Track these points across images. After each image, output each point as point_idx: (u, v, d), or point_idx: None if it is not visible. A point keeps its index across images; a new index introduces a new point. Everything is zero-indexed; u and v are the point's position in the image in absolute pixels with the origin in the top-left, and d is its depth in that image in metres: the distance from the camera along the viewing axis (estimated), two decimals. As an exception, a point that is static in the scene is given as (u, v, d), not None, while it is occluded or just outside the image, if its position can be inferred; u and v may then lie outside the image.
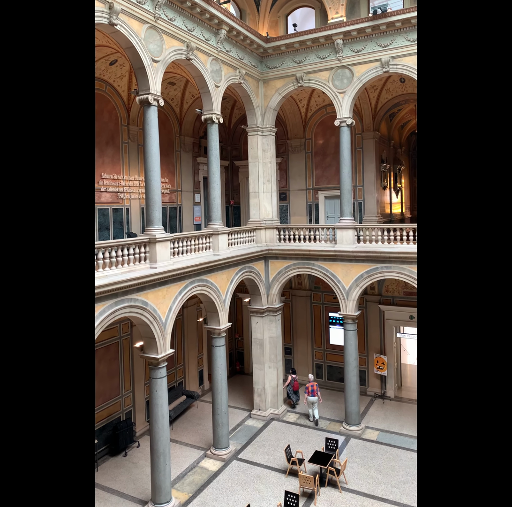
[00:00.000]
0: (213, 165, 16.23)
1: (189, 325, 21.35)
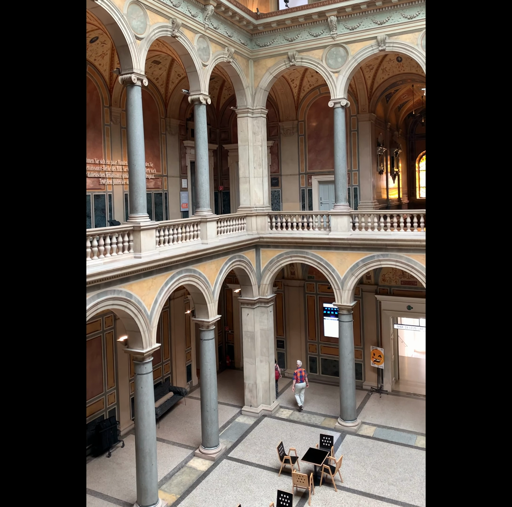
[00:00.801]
0: (200, 149, 16.12)
1: (176, 318, 21.28)
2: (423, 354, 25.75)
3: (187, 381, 22.22)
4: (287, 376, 23.14)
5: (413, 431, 18.05)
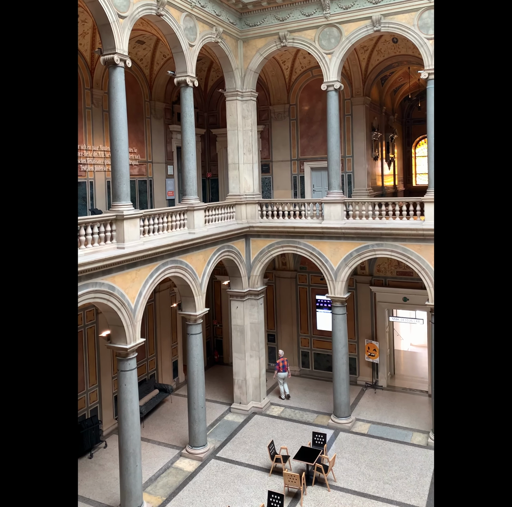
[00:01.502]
0: (187, 134, 16.08)
1: (161, 311, 21.22)
2: (420, 347, 25.94)
3: (174, 378, 22.17)
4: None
5: (409, 427, 18.10)
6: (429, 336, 18.88)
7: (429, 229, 15.96)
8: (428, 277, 16.23)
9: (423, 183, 32.03)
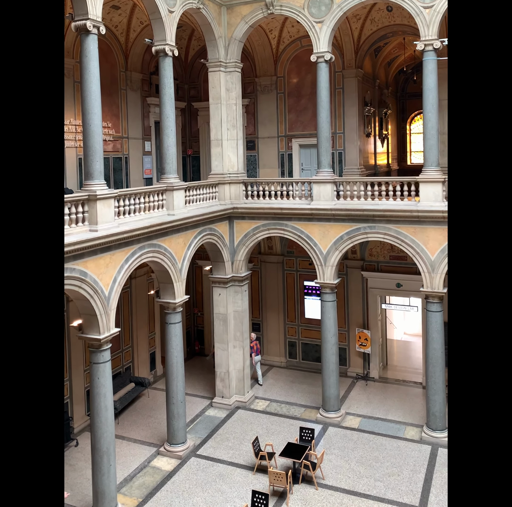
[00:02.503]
0: (166, 107, 15.99)
1: (138, 299, 21.14)
2: (414, 336, 26.10)
3: (151, 370, 22.14)
4: (263, 363, 23.12)
5: (402, 421, 18.21)
6: (423, 324, 18.96)
7: (424, 211, 16.08)
8: (423, 261, 16.31)
9: (418, 162, 31.96)
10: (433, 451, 16.28)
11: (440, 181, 16.06)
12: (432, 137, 16.12)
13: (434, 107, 16.01)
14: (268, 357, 23.23)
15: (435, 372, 16.58)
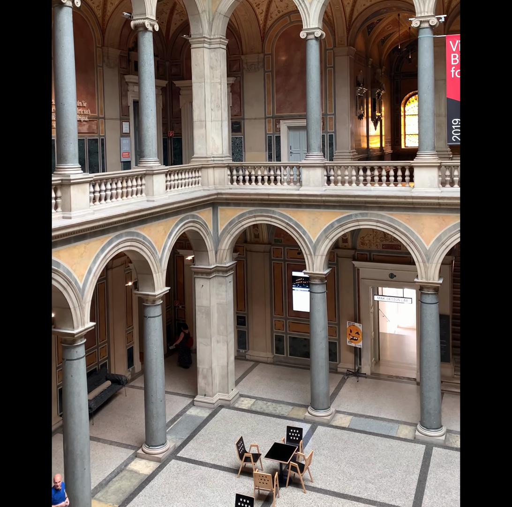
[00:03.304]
0: (146, 86, 15.95)
1: (115, 291, 21.05)
2: (408, 330, 26.17)
3: (128, 367, 22.07)
4: (249, 358, 23.20)
5: (395, 419, 18.24)
6: (417, 317, 19.06)
7: (418, 197, 16.08)
8: (418, 250, 16.35)
9: (413, 146, 32.24)
10: (427, 450, 16.33)
11: (435, 165, 16.07)
12: (427, 119, 16.09)
13: (430, 88, 15.98)
14: (253, 352, 23.26)
15: (430, 367, 16.57)
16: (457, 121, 16.00)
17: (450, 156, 20.45)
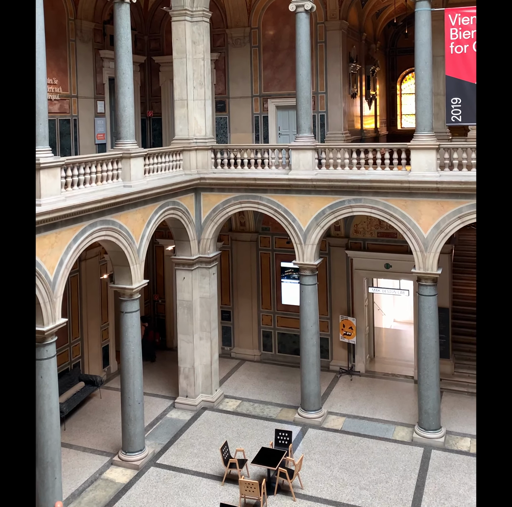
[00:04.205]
0: (123, 62, 15.87)
1: (89, 285, 20.96)
2: (404, 324, 26.30)
3: (104, 367, 22.03)
4: (234, 356, 23.26)
5: (391, 420, 18.28)
6: (415, 310, 19.13)
7: (416, 182, 16.12)
8: (415, 238, 16.40)
9: (410, 127, 32.23)
10: (425, 453, 16.36)
11: (433, 148, 16.13)
12: (425, 98, 16.11)
13: (428, 65, 16.02)
14: (239, 349, 23.31)
15: (428, 364, 16.58)
16: (456, 100, 16.04)
17: (449, 138, 20.64)
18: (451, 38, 15.82)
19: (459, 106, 16.06)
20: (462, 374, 20.28)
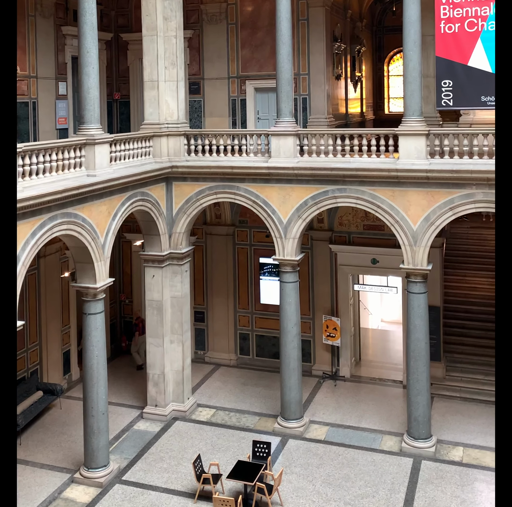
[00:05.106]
0: (87, 39, 15.81)
1: (48, 284, 20.76)
2: (393, 324, 26.39)
3: (64, 375, 21.84)
4: (208, 361, 23.23)
5: (378, 429, 18.31)
6: (404, 309, 19.07)
7: (404, 170, 16.21)
8: (403, 231, 16.46)
9: (398, 111, 32.37)
10: (415, 464, 16.35)
11: (423, 134, 16.26)
12: (414, 80, 16.23)
13: (417, 44, 16.11)
14: (214, 353, 23.26)
15: (418, 367, 16.62)
16: (447, 83, 16.24)
17: (440, 123, 20.72)
18: (441, 16, 15.96)
19: (450, 89, 16.26)
20: (454, 378, 20.32)
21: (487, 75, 15.76)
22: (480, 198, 15.52)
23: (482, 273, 22.13)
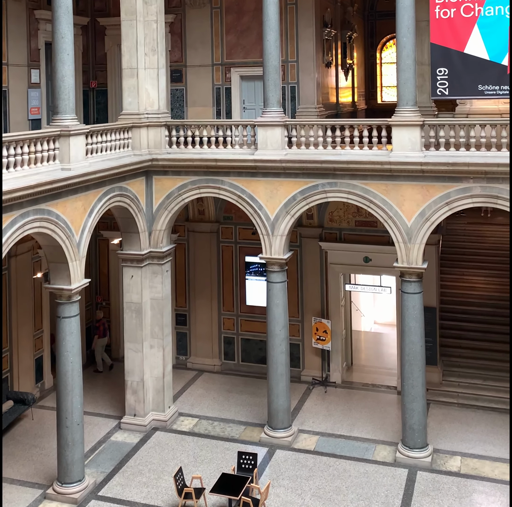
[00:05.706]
0: (62, 24, 15.72)
1: (19, 285, 20.71)
2: (386, 326, 26.42)
3: (36, 383, 21.77)
4: (190, 367, 23.14)
5: (371, 438, 18.32)
6: (398, 310, 19.14)
7: (398, 163, 16.26)
8: (397, 228, 16.50)
9: (391, 100, 32.35)
10: (410, 476, 16.34)
11: (417, 124, 16.32)
12: (407, 68, 16.28)
13: (411, 31, 16.17)
14: (196, 359, 23.21)
15: (413, 372, 16.60)
16: (442, 71, 16.27)
17: (435, 113, 20.85)
18: (436, 0, 15.98)
19: (445, 78, 16.31)
20: (452, 383, 20.35)
21: (485, 62, 15.85)
22: (478, 192, 15.56)
23: (481, 272, 22.23)
